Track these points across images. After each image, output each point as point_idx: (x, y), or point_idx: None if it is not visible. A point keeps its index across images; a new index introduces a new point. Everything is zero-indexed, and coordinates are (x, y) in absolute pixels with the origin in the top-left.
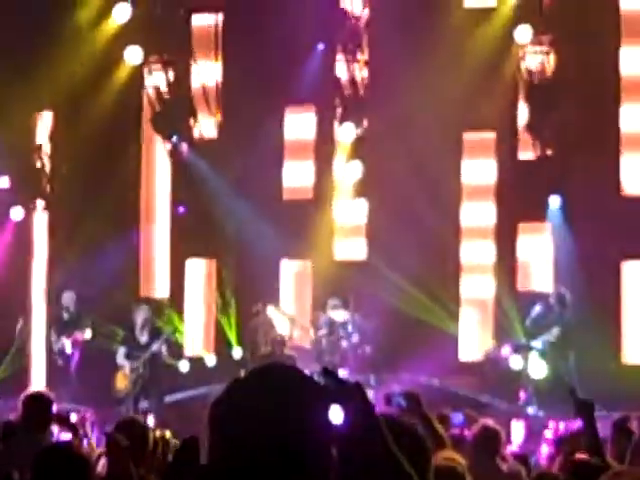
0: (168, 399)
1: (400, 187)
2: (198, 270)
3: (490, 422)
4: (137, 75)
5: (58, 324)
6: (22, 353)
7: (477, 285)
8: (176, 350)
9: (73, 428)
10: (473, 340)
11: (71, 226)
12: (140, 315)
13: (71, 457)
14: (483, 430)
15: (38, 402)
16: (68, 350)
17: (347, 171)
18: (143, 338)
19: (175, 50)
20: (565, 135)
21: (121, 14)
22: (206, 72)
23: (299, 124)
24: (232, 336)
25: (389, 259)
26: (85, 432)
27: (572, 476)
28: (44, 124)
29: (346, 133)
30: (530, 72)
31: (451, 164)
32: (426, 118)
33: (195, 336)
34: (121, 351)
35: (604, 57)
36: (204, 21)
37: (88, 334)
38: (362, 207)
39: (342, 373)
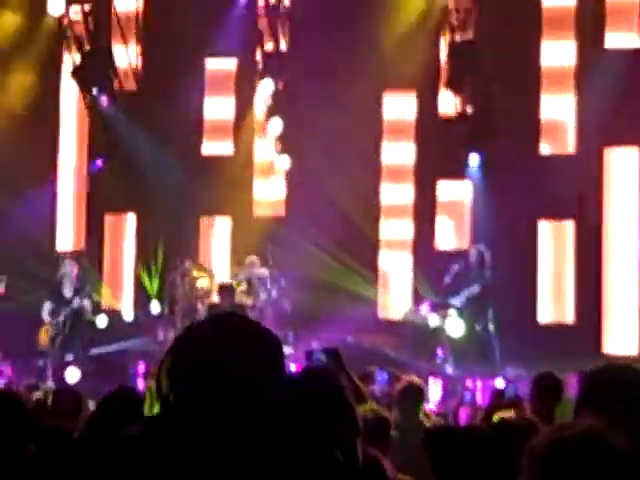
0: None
1: (320, 142)
2: (117, 224)
3: (415, 378)
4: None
5: None
6: None
7: (395, 242)
8: (97, 305)
9: None
10: (392, 299)
11: None
12: (65, 269)
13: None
14: (408, 385)
15: None
16: None
17: (268, 126)
18: (67, 293)
19: (96, 2)
20: (485, 94)
21: None
22: (126, 24)
23: (219, 76)
24: (151, 291)
25: (308, 216)
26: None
27: (495, 434)
28: None
29: (266, 88)
30: (452, 29)
31: (372, 122)
32: (346, 76)
33: (114, 291)
34: (46, 306)
35: (525, 16)
36: None
37: (1, 288)
38: (282, 162)
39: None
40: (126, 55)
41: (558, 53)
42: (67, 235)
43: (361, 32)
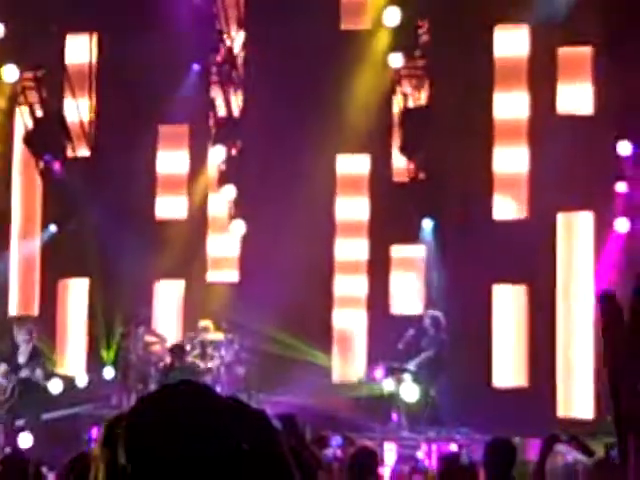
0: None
1: (274, 210)
2: (70, 289)
3: (368, 443)
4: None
5: None
6: None
7: (351, 310)
8: (49, 371)
9: None
10: (347, 363)
11: None
12: (21, 336)
13: None
14: (361, 450)
15: None
16: None
17: (220, 193)
18: (20, 359)
19: (49, 68)
20: (438, 159)
21: None
22: (79, 92)
23: (172, 139)
24: (105, 356)
25: (262, 283)
26: None
27: None
28: None
29: (219, 155)
30: (405, 96)
31: (326, 189)
32: (300, 140)
33: (67, 356)
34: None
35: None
36: (77, 42)
37: None
38: (236, 229)
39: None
40: (78, 120)
41: (511, 105)
42: (20, 300)
43: (315, 96)
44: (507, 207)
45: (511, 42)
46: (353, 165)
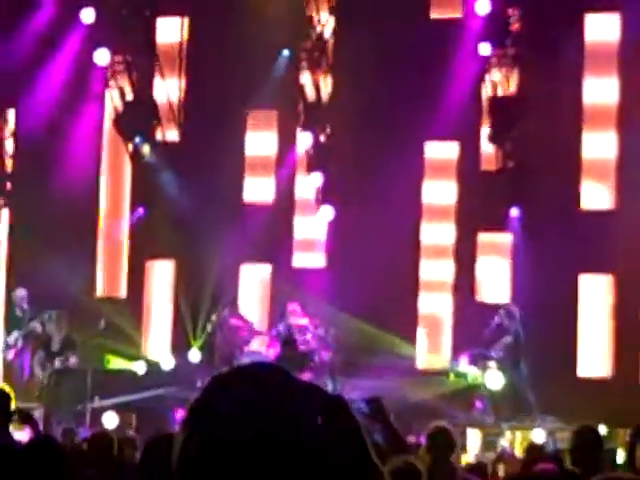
0: (119, 400)
1: (361, 196)
2: (159, 272)
3: (443, 422)
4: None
5: (10, 321)
6: None
7: (436, 299)
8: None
9: (34, 425)
10: (431, 350)
11: (31, 224)
12: (51, 324)
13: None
14: (436, 430)
15: None
16: (18, 344)
17: (307, 180)
18: (54, 347)
19: (140, 52)
20: (527, 148)
21: (87, 17)
22: (169, 75)
23: (261, 132)
24: (191, 339)
25: (348, 268)
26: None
27: None
28: (6, 121)
29: (307, 141)
30: (494, 84)
31: (413, 174)
32: (389, 127)
33: (153, 338)
34: (37, 358)
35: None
36: (169, 25)
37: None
38: (323, 214)
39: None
40: (167, 103)
41: (600, 91)
42: (107, 282)
43: (405, 83)
44: (595, 195)
45: (602, 28)
46: (442, 152)
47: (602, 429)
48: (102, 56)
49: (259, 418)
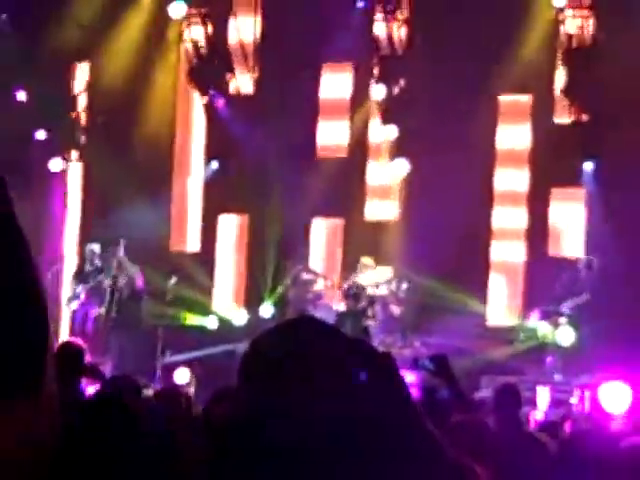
0: (190, 356)
1: (433, 149)
2: (230, 226)
3: (510, 379)
4: (176, 28)
5: (78, 274)
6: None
7: (508, 250)
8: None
9: (103, 379)
10: (502, 305)
11: (105, 178)
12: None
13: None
14: (502, 386)
15: (68, 352)
16: (82, 297)
17: (382, 132)
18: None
19: (214, 3)
20: (601, 101)
21: None
22: (244, 28)
23: (335, 82)
24: (264, 293)
25: (420, 221)
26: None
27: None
28: (81, 75)
29: (381, 93)
30: (569, 36)
31: (486, 127)
32: (464, 80)
33: (225, 293)
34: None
35: None
36: None
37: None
38: (395, 168)
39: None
40: (243, 55)
41: None
42: (179, 235)
43: (478, 35)
44: None
45: None
46: (515, 105)
47: None
48: (177, 9)
49: (303, 370)
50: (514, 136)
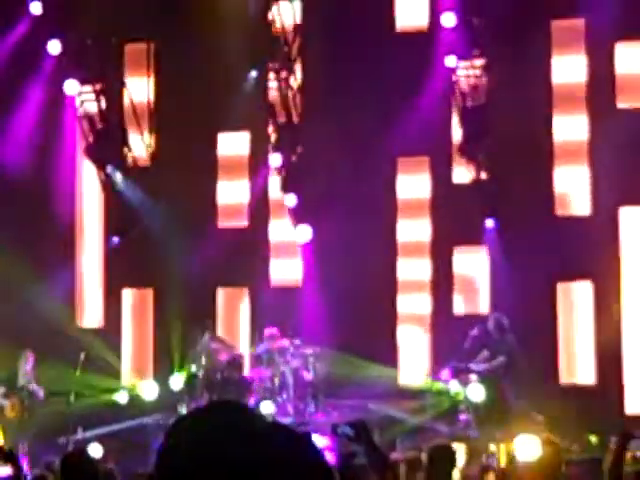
0: (106, 430)
1: (334, 212)
2: (135, 299)
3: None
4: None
5: None
6: None
7: (414, 309)
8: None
9: (15, 463)
10: (412, 364)
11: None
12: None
13: None
14: (438, 446)
15: None
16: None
17: (282, 198)
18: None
19: (107, 79)
20: (498, 158)
21: (54, 48)
22: (137, 95)
23: (233, 149)
24: (173, 365)
25: (325, 286)
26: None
27: None
28: None
29: (277, 161)
30: (463, 95)
31: (387, 187)
32: (359, 143)
33: (131, 366)
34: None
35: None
36: (136, 51)
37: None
38: (298, 233)
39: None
40: (139, 132)
41: (569, 125)
42: (89, 311)
43: (373, 100)
44: (569, 203)
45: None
46: (413, 167)
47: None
48: (71, 86)
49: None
50: (414, 191)
